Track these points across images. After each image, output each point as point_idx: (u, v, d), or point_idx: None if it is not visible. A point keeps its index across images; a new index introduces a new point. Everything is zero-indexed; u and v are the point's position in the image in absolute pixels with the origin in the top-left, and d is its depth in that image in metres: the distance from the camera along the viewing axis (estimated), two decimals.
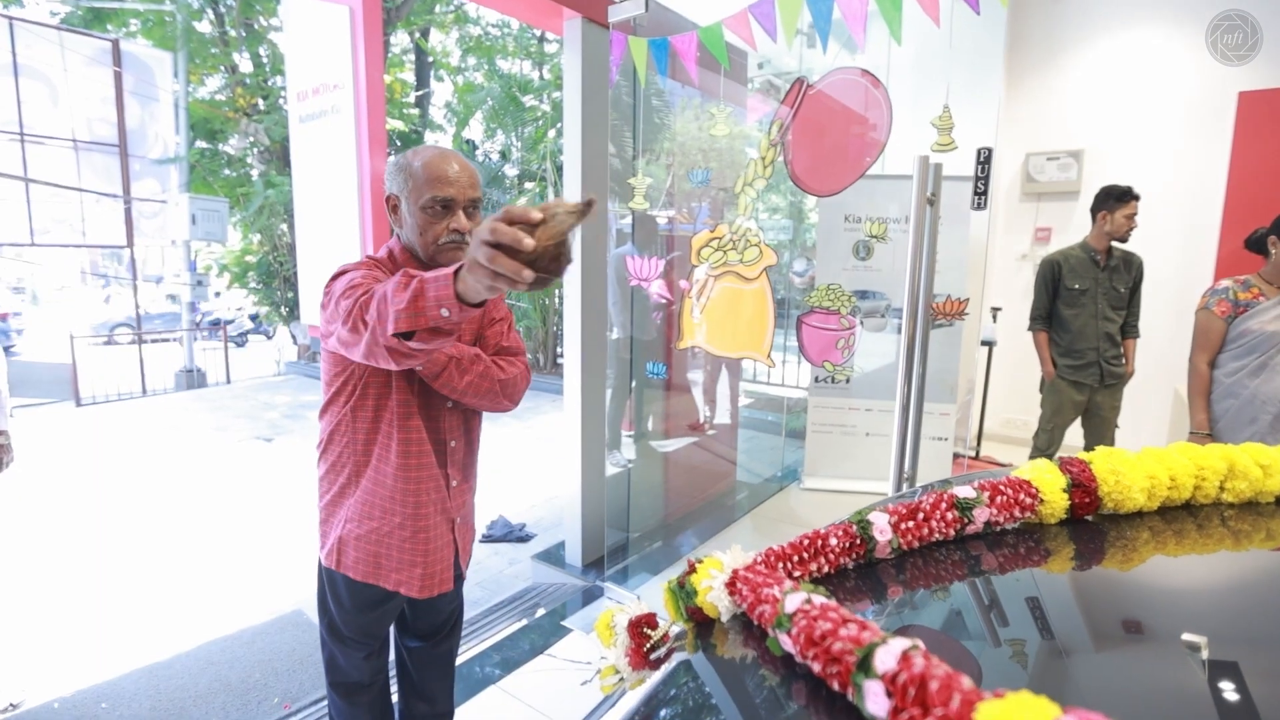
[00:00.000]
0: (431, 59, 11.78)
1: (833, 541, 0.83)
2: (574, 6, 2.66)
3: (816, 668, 0.58)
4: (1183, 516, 0.94)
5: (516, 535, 3.73)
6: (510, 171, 9.85)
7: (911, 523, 0.86)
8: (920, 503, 0.88)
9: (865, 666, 0.52)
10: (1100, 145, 4.42)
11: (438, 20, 11.47)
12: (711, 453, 4.06)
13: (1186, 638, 0.65)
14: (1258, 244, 2.49)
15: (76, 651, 2.64)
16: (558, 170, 8.57)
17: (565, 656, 2.44)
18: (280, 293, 10.65)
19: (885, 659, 0.51)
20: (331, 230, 3.06)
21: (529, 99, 9.45)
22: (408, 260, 1.37)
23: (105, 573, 3.35)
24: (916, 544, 0.86)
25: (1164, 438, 4.04)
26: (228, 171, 10.40)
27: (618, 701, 0.77)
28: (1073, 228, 4.48)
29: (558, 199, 0.84)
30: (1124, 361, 3.12)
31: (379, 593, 1.43)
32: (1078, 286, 3.03)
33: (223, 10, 10.17)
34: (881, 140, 2.08)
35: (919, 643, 0.52)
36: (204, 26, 10.13)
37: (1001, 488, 0.90)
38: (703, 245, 2.50)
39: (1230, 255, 3.85)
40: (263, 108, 10.08)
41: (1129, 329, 3.12)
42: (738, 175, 2.41)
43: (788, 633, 0.63)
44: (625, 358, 3.45)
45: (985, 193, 2.13)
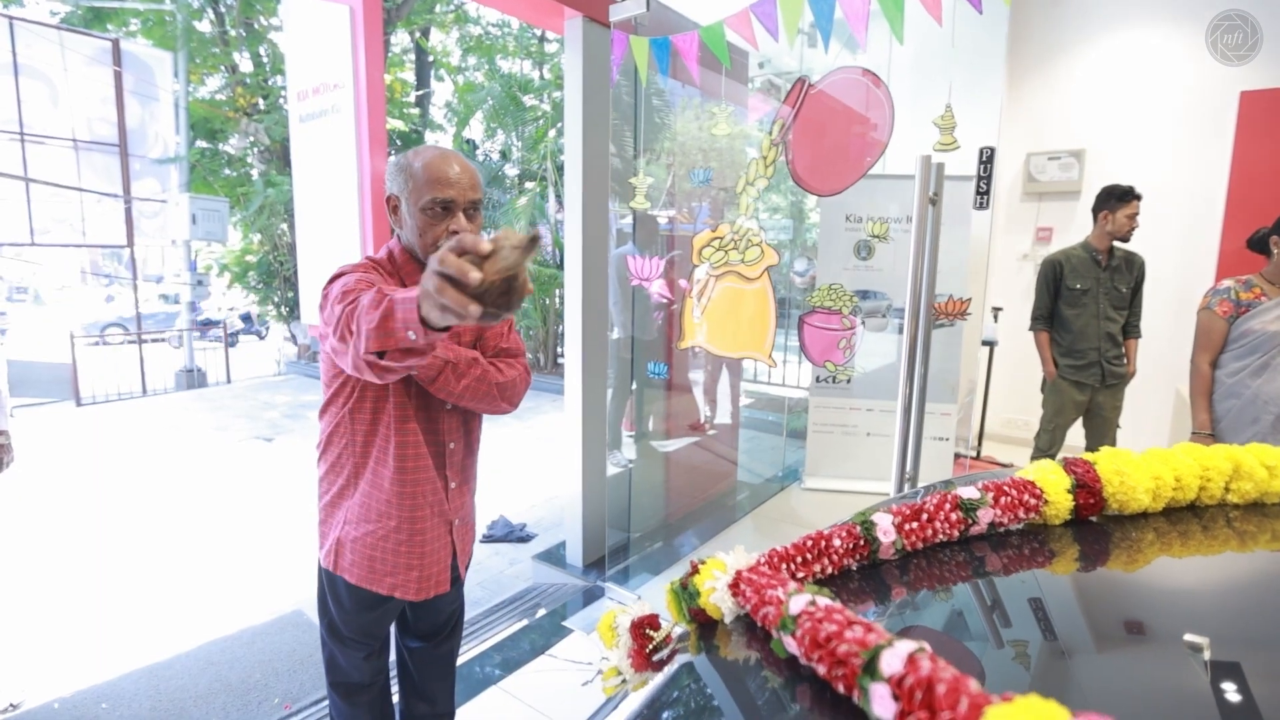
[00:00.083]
0: (432, 58, 11.78)
1: (836, 542, 0.82)
2: (575, 6, 2.66)
3: (821, 670, 0.58)
4: (1188, 517, 0.94)
5: (517, 535, 3.73)
6: (511, 171, 9.84)
7: (915, 524, 0.85)
8: (924, 504, 0.87)
9: (871, 669, 0.52)
10: (1102, 145, 4.42)
11: (438, 20, 11.46)
12: (712, 453, 4.06)
13: (1189, 638, 0.65)
14: (1260, 244, 2.49)
15: (76, 651, 2.64)
16: (558, 170, 8.56)
17: (566, 657, 2.44)
18: (280, 292, 10.65)
19: (891, 662, 0.51)
20: (332, 230, 3.05)
21: (529, 99, 9.45)
22: (407, 261, 1.37)
23: (105, 573, 3.35)
24: (920, 545, 0.86)
25: (1165, 438, 4.03)
26: (228, 171, 10.40)
27: (620, 703, 0.76)
28: (1074, 227, 4.48)
29: (507, 230, 0.81)
30: (1125, 362, 3.11)
31: (377, 595, 1.42)
32: (1079, 286, 3.03)
33: (223, 10, 10.16)
34: (883, 140, 2.08)
35: (925, 645, 0.52)
36: (204, 26, 10.13)
37: (1006, 489, 0.89)
38: (704, 245, 2.49)
39: (1231, 255, 3.84)
40: (263, 107, 10.08)
41: (1130, 329, 3.11)
42: (739, 175, 2.40)
43: (792, 635, 0.62)
44: (626, 358, 3.45)
45: (988, 192, 2.13)
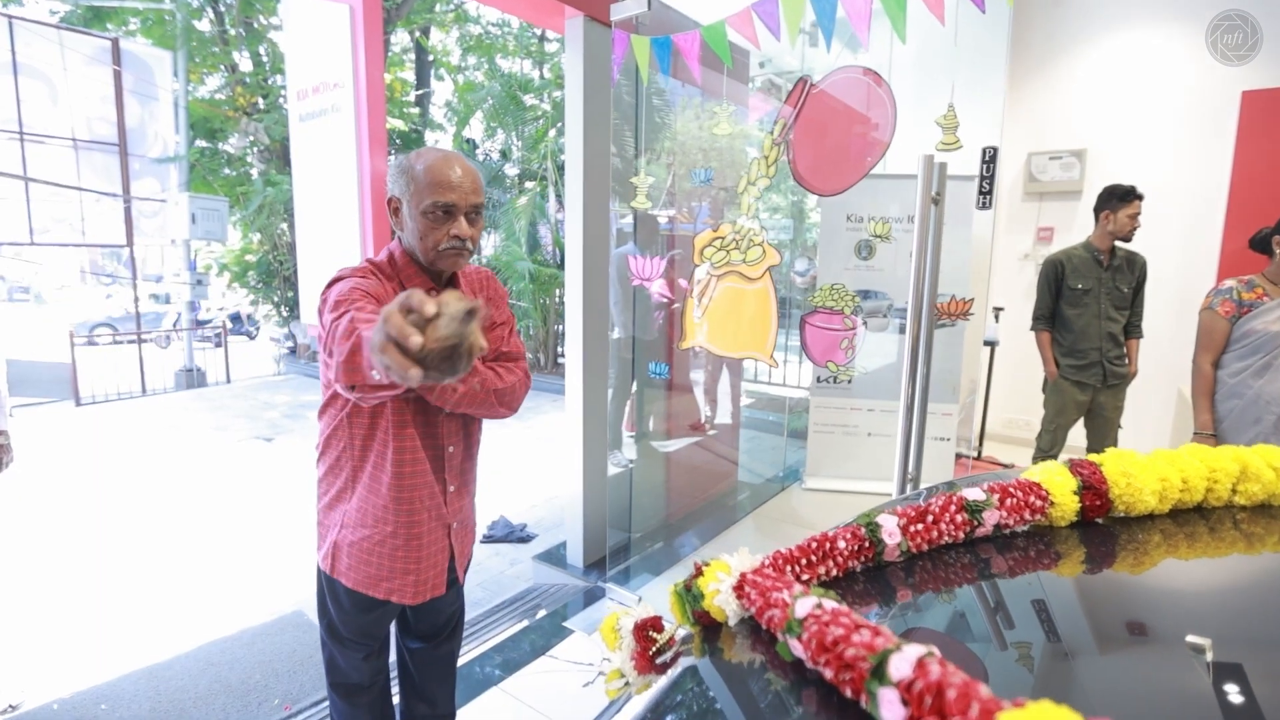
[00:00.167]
0: (432, 58, 11.77)
1: (841, 544, 0.82)
2: (576, 5, 2.65)
3: (828, 674, 0.57)
4: (1194, 519, 0.93)
5: (517, 536, 3.72)
6: (511, 171, 9.84)
7: (920, 525, 0.85)
8: (929, 505, 0.87)
9: (880, 674, 0.51)
10: (1103, 144, 4.41)
11: (438, 19, 11.45)
12: (713, 453, 4.05)
13: (1191, 640, 0.64)
14: (1262, 244, 2.49)
15: (76, 652, 2.63)
16: (558, 169, 8.56)
17: (567, 658, 2.43)
18: (280, 292, 10.64)
19: (900, 666, 0.50)
20: (331, 229, 3.05)
21: (529, 98, 9.44)
22: (408, 264, 1.35)
23: (105, 573, 3.34)
24: (925, 547, 0.85)
25: (1167, 438, 4.02)
26: (227, 170, 10.39)
27: (623, 706, 0.76)
28: (1075, 227, 4.47)
29: (453, 294, 0.77)
30: (1127, 362, 3.11)
31: (375, 598, 1.42)
32: (1081, 286, 3.02)
33: (222, 9, 10.15)
34: (885, 140, 2.07)
35: (934, 649, 0.51)
36: (204, 25, 10.12)
37: (1011, 490, 0.89)
38: (706, 245, 2.49)
39: (1233, 255, 3.84)
40: (263, 106, 10.07)
41: (1132, 329, 3.11)
42: (739, 174, 2.40)
43: (798, 638, 0.62)
44: (627, 357, 3.44)
45: (990, 192, 2.12)
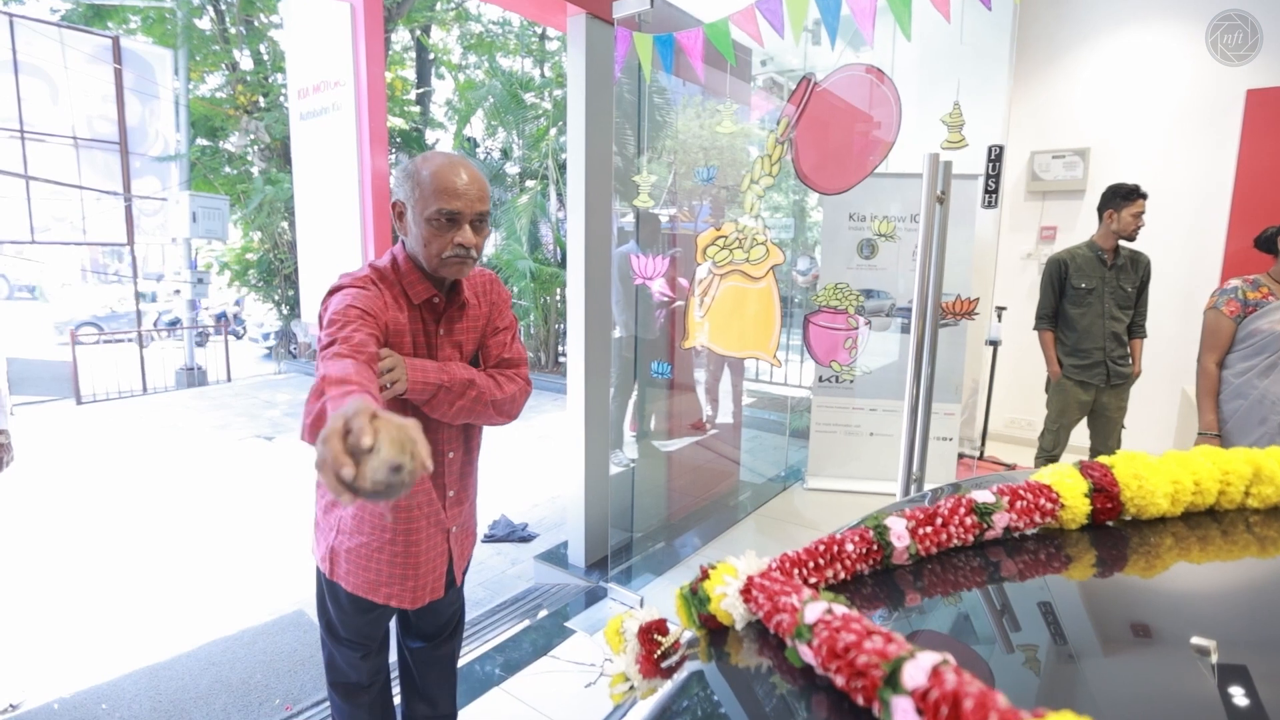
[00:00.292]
0: (432, 56, 11.75)
1: (849, 547, 0.81)
2: (578, 2, 2.64)
3: (839, 681, 0.56)
4: (1206, 522, 0.92)
5: (519, 535, 3.71)
6: (512, 169, 9.82)
7: (929, 528, 0.84)
8: (938, 508, 0.86)
9: (893, 682, 0.50)
10: (1106, 143, 4.40)
11: (439, 17, 11.42)
12: (715, 452, 4.05)
13: (1195, 641, 0.63)
14: (1267, 243, 2.47)
15: (76, 652, 2.62)
16: (559, 168, 8.54)
17: (568, 658, 2.42)
18: (281, 290, 10.62)
19: (915, 675, 0.49)
20: (332, 228, 3.04)
21: (530, 96, 9.42)
22: (411, 270, 1.33)
23: (105, 572, 3.33)
24: (934, 550, 0.84)
25: (1171, 438, 4.01)
26: (228, 169, 10.37)
27: (629, 711, 0.75)
28: (1079, 226, 4.46)
29: (392, 427, 0.72)
30: (1131, 361, 3.10)
31: (373, 600, 1.42)
32: (1084, 286, 3.01)
33: (223, 7, 10.14)
34: (889, 138, 2.06)
35: (949, 657, 0.50)
36: (204, 24, 10.10)
37: (1021, 493, 0.88)
38: (709, 244, 2.48)
39: (1237, 254, 3.82)
40: (263, 105, 10.05)
41: (1136, 329, 3.09)
42: (742, 173, 2.38)
43: (808, 644, 0.60)
44: (629, 357, 3.43)
45: (996, 191, 2.11)
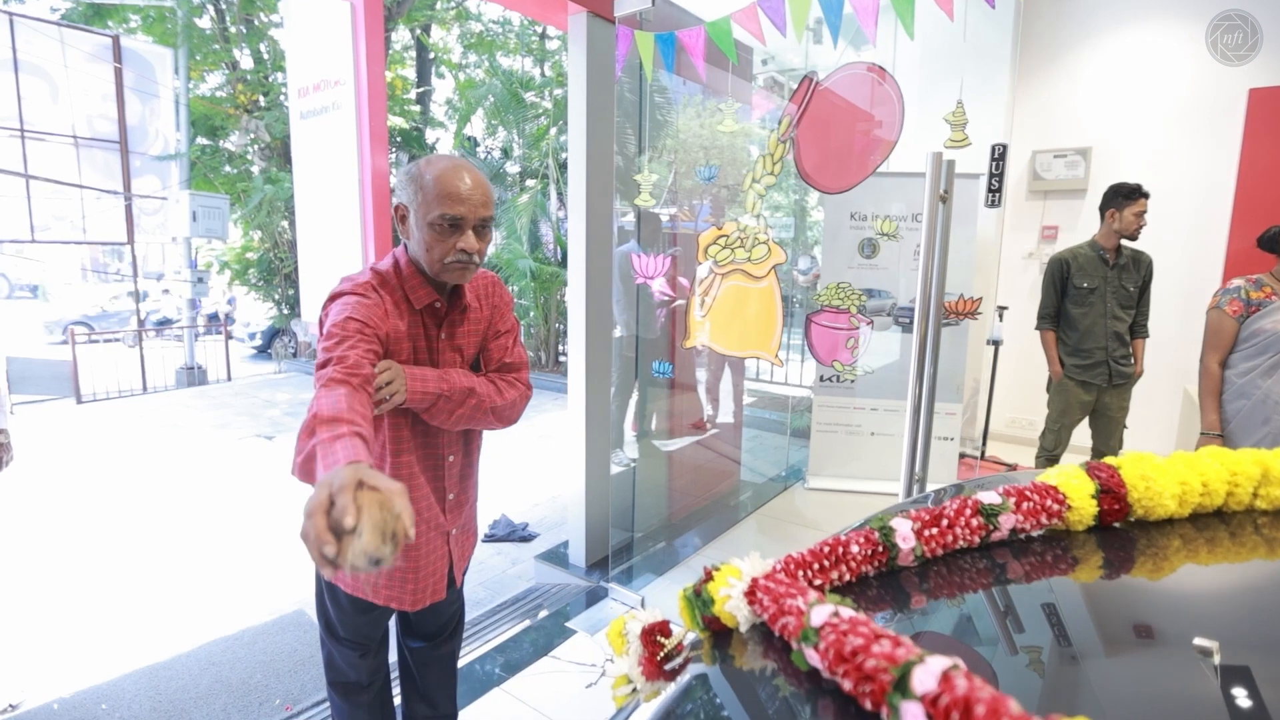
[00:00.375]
0: (433, 55, 11.74)
1: (854, 549, 0.80)
2: (579, 1, 2.63)
3: (847, 685, 0.55)
4: (1214, 524, 0.91)
5: (519, 535, 3.71)
6: (512, 169, 9.81)
7: (935, 529, 0.83)
8: (944, 509, 0.85)
9: (903, 687, 0.50)
10: (1108, 142, 4.39)
11: (439, 16, 11.41)
12: (716, 452, 4.04)
13: (1198, 642, 0.62)
14: (1270, 243, 2.47)
15: (76, 652, 2.62)
16: (560, 167, 8.53)
17: (569, 658, 2.41)
18: (281, 290, 10.62)
19: (925, 679, 0.49)
20: (332, 227, 3.03)
21: (530, 95, 9.41)
22: (413, 273, 1.32)
23: (105, 572, 3.33)
24: (940, 551, 0.83)
25: (1173, 439, 4.00)
26: (228, 168, 10.36)
27: (632, 713, 0.74)
28: (1080, 226, 4.45)
29: (376, 504, 0.74)
30: (1133, 361, 3.09)
31: (373, 602, 1.42)
32: (1086, 285, 3.00)
33: (223, 6, 10.13)
34: (892, 137, 2.05)
35: (960, 662, 0.49)
36: (204, 23, 10.09)
37: (1028, 494, 0.87)
38: (710, 243, 2.47)
39: (1239, 253, 3.81)
40: (263, 104, 10.04)
41: (1138, 329, 3.09)
42: (743, 172, 2.38)
43: (815, 647, 0.60)
44: (630, 356, 3.42)
45: (999, 190, 2.10)
